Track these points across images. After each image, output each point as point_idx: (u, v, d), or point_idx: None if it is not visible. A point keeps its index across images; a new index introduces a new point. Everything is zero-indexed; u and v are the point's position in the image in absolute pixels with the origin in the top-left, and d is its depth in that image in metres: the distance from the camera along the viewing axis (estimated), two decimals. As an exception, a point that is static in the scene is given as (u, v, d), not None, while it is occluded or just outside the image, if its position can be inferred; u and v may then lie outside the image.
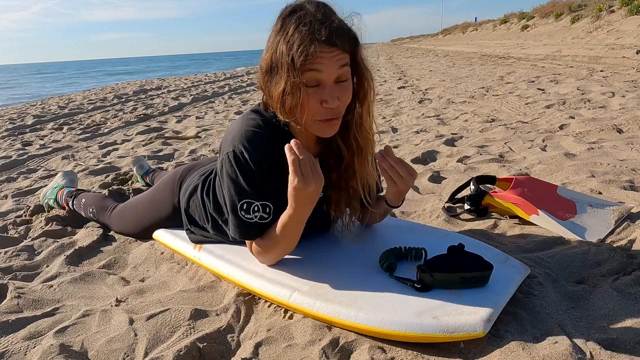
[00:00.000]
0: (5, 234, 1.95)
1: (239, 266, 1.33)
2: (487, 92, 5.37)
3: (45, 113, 6.89)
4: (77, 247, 1.73)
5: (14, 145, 4.36)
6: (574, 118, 3.40)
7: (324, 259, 1.33)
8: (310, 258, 1.34)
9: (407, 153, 2.84)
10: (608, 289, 1.17)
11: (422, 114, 4.31)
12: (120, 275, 1.54)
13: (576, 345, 0.98)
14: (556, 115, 3.57)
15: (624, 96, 4.05)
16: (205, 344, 1.10)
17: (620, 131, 2.88)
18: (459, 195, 1.92)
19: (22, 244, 1.83)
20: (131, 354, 1.10)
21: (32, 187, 2.76)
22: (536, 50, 11.68)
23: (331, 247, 1.40)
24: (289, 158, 1.04)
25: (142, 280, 1.50)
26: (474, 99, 4.98)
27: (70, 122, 5.81)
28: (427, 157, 2.73)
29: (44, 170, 3.25)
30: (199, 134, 4.23)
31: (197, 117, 5.44)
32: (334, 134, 1.21)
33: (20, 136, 4.95)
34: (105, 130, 4.93)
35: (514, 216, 1.70)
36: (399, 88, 6.71)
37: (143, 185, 2.46)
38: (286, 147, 1.05)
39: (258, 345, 1.09)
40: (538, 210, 1.60)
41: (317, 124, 1.13)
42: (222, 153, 1.21)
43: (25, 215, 2.16)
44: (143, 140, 4.11)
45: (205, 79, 12.91)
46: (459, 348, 1.02)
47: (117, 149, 3.87)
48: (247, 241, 1.30)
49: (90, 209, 1.93)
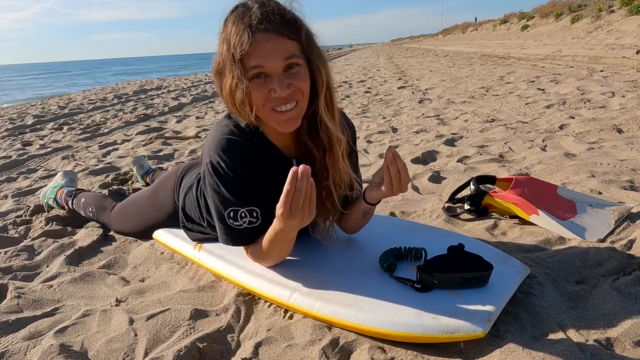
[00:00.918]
0: (5, 234, 1.95)
1: (239, 266, 1.33)
2: (487, 92, 5.37)
3: (45, 113, 6.89)
4: (77, 247, 1.73)
5: (14, 145, 4.36)
6: (574, 118, 3.40)
7: (324, 259, 1.33)
8: (310, 258, 1.34)
9: (407, 153, 2.84)
10: (608, 289, 1.17)
11: (422, 114, 4.31)
12: (120, 275, 1.54)
13: (576, 345, 0.98)
14: (556, 115, 3.57)
15: (624, 96, 4.05)
16: (205, 344, 1.10)
17: (620, 131, 2.88)
18: (459, 195, 1.92)
19: (22, 244, 1.83)
20: (131, 354, 1.10)
21: (32, 187, 2.76)
22: (536, 50, 11.68)
23: (331, 247, 1.40)
24: (285, 187, 0.99)
25: (142, 280, 1.50)
26: (474, 99, 4.98)
27: (70, 122, 5.81)
28: (427, 157, 2.73)
29: (44, 170, 3.25)
30: (199, 134, 4.23)
31: (197, 117, 5.44)
32: (301, 132, 1.19)
33: (20, 136, 4.95)
34: (105, 130, 4.93)
35: (514, 216, 1.70)
36: (399, 88, 6.71)
37: (143, 185, 2.46)
38: (291, 171, 0.98)
39: (258, 345, 1.09)
40: (538, 210, 1.60)
41: (274, 116, 1.09)
42: (202, 165, 1.20)
43: (25, 215, 2.16)
44: (143, 140, 4.11)
45: (205, 79, 12.91)
46: (459, 348, 1.02)
47: (117, 149, 3.87)
48: (243, 247, 1.30)
49: (90, 209, 1.93)
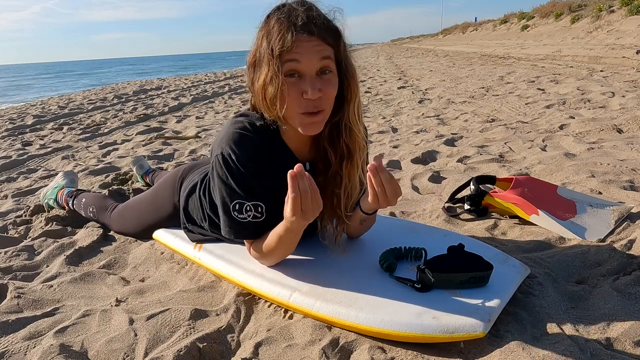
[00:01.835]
0: (5, 234, 1.95)
1: (239, 266, 1.33)
2: (487, 92, 5.37)
3: (45, 113, 6.89)
4: (77, 247, 1.73)
5: (14, 145, 4.36)
6: (574, 118, 3.40)
7: (324, 259, 1.33)
8: (310, 258, 1.34)
9: (407, 153, 2.84)
10: (608, 289, 1.17)
11: (422, 114, 4.31)
12: (120, 275, 1.54)
13: (576, 345, 0.98)
14: (556, 115, 3.57)
15: (624, 96, 4.05)
16: (205, 344, 1.10)
17: (620, 131, 2.88)
18: (459, 195, 1.92)
19: (22, 244, 1.83)
20: (131, 354, 1.10)
21: (32, 187, 2.76)
22: (536, 50, 11.68)
23: (338, 255, 1.40)
24: (289, 194, 1.00)
25: (142, 280, 1.50)
26: (474, 99, 4.98)
27: (70, 122, 5.81)
28: (427, 157, 2.73)
29: (44, 170, 3.25)
30: (199, 134, 4.23)
31: (197, 117, 5.44)
32: (322, 137, 1.20)
33: (20, 136, 4.95)
34: (105, 130, 4.93)
35: (514, 216, 1.70)
36: (399, 88, 6.71)
37: (143, 185, 2.46)
38: (289, 176, 0.99)
39: (258, 345, 1.09)
40: (538, 210, 1.60)
41: (300, 118, 1.10)
42: (212, 156, 1.21)
43: (25, 215, 2.16)
44: (143, 140, 4.11)
45: (205, 79, 12.92)
46: (459, 348, 1.02)
47: (117, 149, 3.87)
48: (245, 243, 1.30)
49: (90, 209, 1.93)
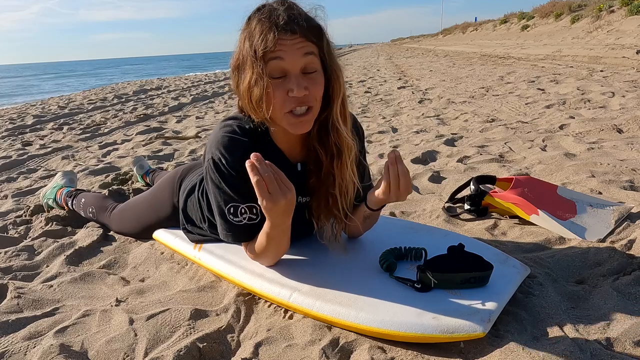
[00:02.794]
0: (5, 234, 1.95)
1: (239, 266, 1.33)
2: (487, 92, 5.37)
3: (45, 113, 6.89)
4: (77, 247, 1.73)
5: (14, 145, 4.36)
6: (574, 118, 3.40)
7: (324, 259, 1.33)
8: (310, 258, 1.34)
9: (407, 153, 2.84)
10: (608, 289, 1.17)
11: (422, 114, 4.31)
12: (120, 275, 1.54)
13: (576, 345, 0.98)
14: (556, 115, 3.57)
15: (624, 96, 4.05)
16: (205, 344, 1.10)
17: (620, 131, 2.88)
18: (459, 195, 1.92)
19: (22, 244, 1.83)
20: (131, 354, 1.10)
21: (32, 187, 2.76)
22: (536, 50, 11.68)
23: (338, 253, 1.39)
24: (252, 179, 1.00)
25: (142, 280, 1.50)
26: (474, 99, 4.98)
27: (70, 122, 5.81)
28: (427, 157, 2.73)
29: (44, 170, 3.25)
30: (199, 134, 4.23)
31: (197, 117, 5.44)
32: (311, 136, 1.20)
33: (20, 136, 4.95)
34: (105, 130, 4.93)
35: (514, 216, 1.70)
36: (399, 88, 6.71)
37: (143, 185, 2.46)
38: (247, 165, 1.01)
39: (258, 345, 1.09)
40: (538, 210, 1.60)
41: (287, 117, 1.10)
42: (204, 161, 1.22)
43: (25, 215, 2.16)
44: (143, 140, 4.10)
45: (205, 79, 12.92)
46: (459, 348, 1.02)
47: (117, 149, 3.87)
48: (242, 245, 1.30)
49: (90, 209, 1.93)
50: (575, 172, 2.12)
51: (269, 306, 1.26)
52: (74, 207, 2.02)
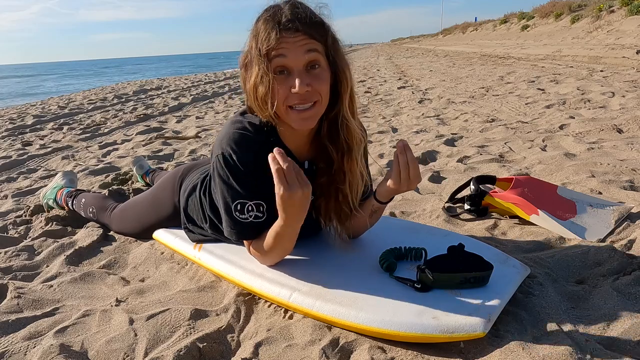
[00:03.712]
0: (5, 234, 1.95)
1: (239, 266, 1.33)
2: (487, 92, 5.37)
3: (45, 113, 6.89)
4: (77, 247, 1.73)
5: (14, 145, 4.36)
6: (574, 118, 3.40)
7: (324, 259, 1.33)
8: (310, 258, 1.34)
9: (407, 153, 2.83)
10: (608, 289, 1.17)
11: (422, 114, 4.31)
12: (120, 275, 1.54)
13: (576, 345, 0.98)
14: (556, 115, 3.57)
15: (624, 96, 4.05)
16: (205, 344, 1.10)
17: (620, 131, 2.88)
18: (459, 195, 1.92)
19: (22, 244, 1.83)
20: (131, 354, 1.10)
21: (32, 187, 2.76)
22: (536, 50, 11.68)
23: (331, 247, 1.40)
24: (273, 168, 1.02)
25: (142, 280, 1.50)
26: (474, 99, 4.98)
27: (70, 122, 5.81)
28: (427, 157, 2.73)
29: (44, 170, 3.25)
30: (199, 134, 4.23)
31: (197, 117, 5.44)
32: (321, 135, 1.21)
33: (20, 136, 4.95)
34: (105, 130, 4.93)
35: (514, 216, 1.70)
36: (399, 88, 6.71)
37: (143, 185, 2.46)
38: (270, 157, 1.03)
39: (258, 345, 1.09)
40: (538, 210, 1.60)
41: (291, 113, 1.11)
42: (213, 156, 1.22)
43: (25, 215, 2.16)
44: (143, 140, 4.10)
45: (205, 79, 12.92)
46: (459, 348, 1.02)
47: (117, 149, 3.87)
48: (245, 242, 1.30)
49: (90, 209, 1.93)
50: (575, 172, 2.12)
51: (269, 306, 1.26)
52: (74, 207, 2.01)
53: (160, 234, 1.65)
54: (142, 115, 5.84)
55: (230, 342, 1.14)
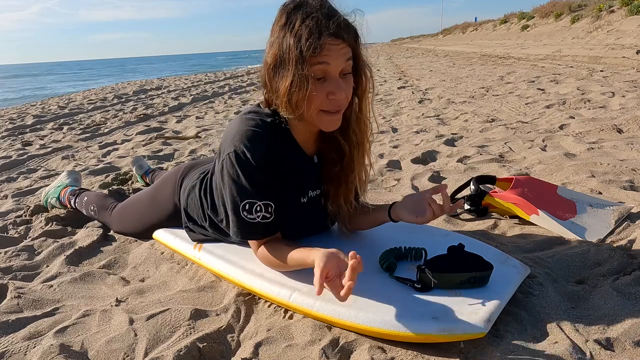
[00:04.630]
0: (5, 234, 1.95)
1: (239, 266, 1.33)
2: (487, 92, 5.37)
3: (45, 113, 6.89)
4: (77, 247, 1.73)
5: (14, 145, 4.36)
6: (574, 118, 3.40)
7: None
8: (310, 258, 1.34)
9: (407, 153, 2.84)
10: (608, 289, 1.17)
11: (422, 114, 4.31)
12: (120, 275, 1.54)
13: (576, 345, 0.98)
14: (556, 115, 3.57)
15: (624, 96, 4.05)
16: (205, 344, 1.10)
17: (620, 131, 2.88)
18: (459, 195, 1.92)
19: (22, 244, 1.83)
20: (131, 354, 1.10)
21: (32, 187, 2.76)
22: (536, 50, 11.68)
23: (331, 247, 1.39)
24: (347, 281, 0.95)
25: (142, 280, 1.50)
26: (474, 99, 4.98)
27: (70, 122, 5.81)
28: (427, 157, 2.73)
29: (44, 170, 3.25)
30: (199, 134, 4.23)
31: (197, 117, 5.44)
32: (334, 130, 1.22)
33: (20, 136, 4.95)
34: (105, 130, 4.93)
35: (514, 216, 1.70)
36: (399, 88, 6.71)
37: (143, 185, 2.46)
38: (352, 263, 0.96)
39: (258, 345, 1.09)
40: (538, 210, 1.60)
41: (322, 116, 1.14)
42: (222, 154, 1.20)
43: (25, 215, 2.16)
44: (143, 140, 4.10)
45: (205, 79, 12.92)
46: (459, 348, 1.02)
47: (117, 149, 3.87)
48: (252, 244, 1.29)
49: (92, 207, 1.94)
50: (575, 172, 2.12)
51: (269, 306, 1.26)
52: (76, 205, 2.02)
53: (160, 234, 1.65)
54: (142, 115, 5.84)
55: (230, 342, 1.14)
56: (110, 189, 2.33)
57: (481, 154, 2.63)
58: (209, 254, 1.42)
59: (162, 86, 11.01)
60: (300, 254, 1.15)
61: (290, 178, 1.25)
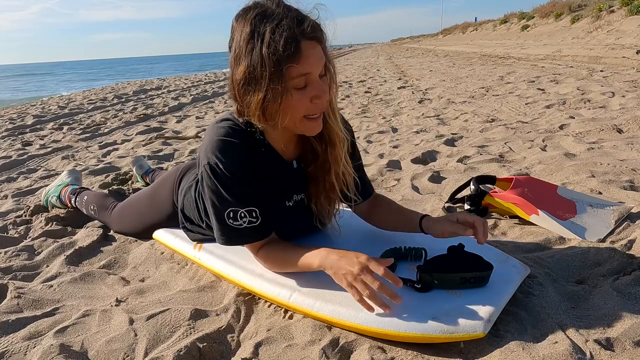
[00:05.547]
0: (5, 234, 1.95)
1: (239, 266, 1.32)
2: (487, 92, 5.37)
3: (45, 113, 6.89)
4: (77, 247, 1.73)
5: (14, 145, 4.36)
6: (574, 118, 3.40)
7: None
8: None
9: (407, 153, 2.84)
10: (608, 289, 1.17)
11: (422, 114, 4.30)
12: (120, 275, 1.54)
13: (576, 345, 0.98)
14: (556, 115, 3.57)
15: (624, 96, 4.05)
16: (205, 344, 1.10)
17: (620, 131, 2.88)
18: (459, 195, 1.92)
19: (22, 244, 1.83)
20: (131, 354, 1.10)
21: (32, 187, 2.76)
22: (536, 50, 11.68)
23: (331, 247, 1.39)
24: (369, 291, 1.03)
25: (142, 280, 1.50)
26: (474, 99, 4.98)
27: (70, 122, 5.81)
28: (427, 157, 2.73)
29: (44, 170, 3.25)
30: (199, 134, 4.23)
31: (197, 117, 5.44)
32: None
33: (20, 136, 4.95)
34: (105, 130, 4.93)
35: (514, 216, 1.70)
36: (399, 88, 6.71)
37: (143, 185, 2.47)
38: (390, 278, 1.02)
39: (258, 345, 1.09)
40: (538, 210, 1.60)
41: (305, 122, 1.11)
42: (200, 166, 1.19)
43: (25, 215, 2.16)
44: (143, 140, 4.10)
45: (205, 79, 12.92)
46: (459, 348, 1.02)
47: (117, 149, 3.87)
48: (249, 249, 1.26)
49: (92, 207, 1.94)
50: (575, 172, 2.12)
51: (269, 306, 1.26)
52: (76, 204, 2.02)
53: (160, 234, 1.65)
54: (142, 115, 5.84)
55: (230, 342, 1.14)
56: (110, 189, 2.33)
57: (481, 154, 2.63)
58: (209, 254, 1.42)
59: (162, 86, 11.01)
60: (305, 260, 1.16)
61: (271, 184, 1.24)
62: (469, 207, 1.79)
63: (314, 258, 1.14)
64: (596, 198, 1.76)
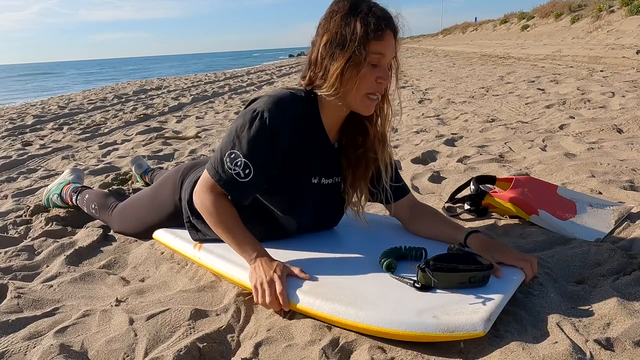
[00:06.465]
0: (5, 234, 1.95)
1: (239, 265, 1.32)
2: (487, 92, 5.37)
3: (45, 113, 6.89)
4: (77, 247, 1.73)
5: (14, 145, 4.36)
6: (574, 118, 3.40)
7: (323, 258, 1.33)
8: (311, 257, 1.34)
9: (407, 153, 2.84)
10: (608, 289, 1.17)
11: (422, 114, 4.31)
12: (120, 275, 1.54)
13: (576, 345, 0.98)
14: (556, 115, 3.57)
15: (624, 96, 4.05)
16: (205, 344, 1.10)
17: (620, 131, 2.88)
18: (459, 195, 1.92)
19: (22, 244, 1.83)
20: (131, 354, 1.10)
21: (32, 187, 2.76)
22: (536, 50, 11.68)
23: (331, 246, 1.40)
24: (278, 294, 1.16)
25: (142, 280, 1.50)
26: (474, 99, 4.98)
27: (70, 122, 5.81)
28: (427, 157, 2.73)
29: (44, 170, 3.26)
30: (199, 134, 4.23)
31: (197, 117, 5.44)
32: (352, 115, 1.31)
33: (20, 136, 4.96)
34: (105, 130, 4.94)
35: (514, 216, 1.70)
36: (398, 88, 6.70)
37: (142, 185, 2.47)
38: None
39: (258, 345, 1.09)
40: (538, 210, 1.60)
41: (364, 100, 1.22)
42: (246, 114, 1.25)
43: (25, 215, 2.16)
44: (143, 140, 4.11)
45: (205, 79, 12.92)
46: (459, 348, 1.02)
47: (117, 149, 3.87)
48: (209, 184, 1.28)
49: (93, 205, 1.94)
50: (575, 172, 2.12)
51: (269, 306, 1.25)
52: (77, 202, 2.03)
53: (160, 234, 1.65)
54: (142, 115, 5.85)
55: (230, 342, 1.13)
56: (110, 189, 2.33)
57: (481, 154, 2.63)
58: (209, 254, 1.42)
59: (162, 86, 11.02)
60: (244, 238, 1.27)
61: (306, 157, 1.30)
62: (469, 207, 1.79)
63: (253, 248, 1.26)
64: (596, 198, 1.76)
